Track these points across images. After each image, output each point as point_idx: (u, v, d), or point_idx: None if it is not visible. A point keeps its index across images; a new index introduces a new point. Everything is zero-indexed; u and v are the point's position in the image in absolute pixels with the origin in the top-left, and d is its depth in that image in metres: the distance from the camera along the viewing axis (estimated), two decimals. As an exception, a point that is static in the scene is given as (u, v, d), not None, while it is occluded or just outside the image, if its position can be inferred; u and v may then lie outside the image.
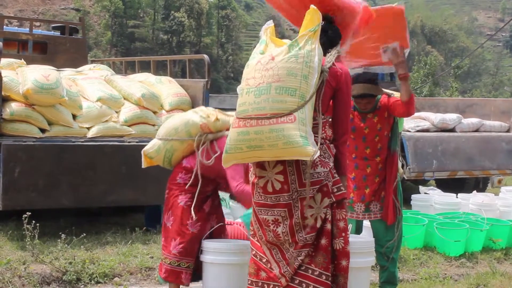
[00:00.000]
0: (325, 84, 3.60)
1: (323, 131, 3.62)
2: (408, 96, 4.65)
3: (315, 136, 3.45)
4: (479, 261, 6.52)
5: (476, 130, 10.12)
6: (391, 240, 4.89)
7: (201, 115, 4.57)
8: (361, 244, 4.34)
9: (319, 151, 3.42)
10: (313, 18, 3.54)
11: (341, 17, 3.85)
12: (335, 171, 3.67)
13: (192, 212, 4.42)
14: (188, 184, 4.49)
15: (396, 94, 4.93)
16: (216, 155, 4.36)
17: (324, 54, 3.61)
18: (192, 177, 4.49)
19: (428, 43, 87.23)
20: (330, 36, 3.73)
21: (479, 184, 10.68)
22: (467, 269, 6.27)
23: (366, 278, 4.45)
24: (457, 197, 8.50)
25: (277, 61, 3.45)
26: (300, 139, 3.32)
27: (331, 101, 3.72)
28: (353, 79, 4.30)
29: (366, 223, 5.23)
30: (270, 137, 3.34)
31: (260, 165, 3.61)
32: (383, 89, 4.98)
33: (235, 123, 3.49)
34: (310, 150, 3.33)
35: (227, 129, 4.36)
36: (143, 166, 4.75)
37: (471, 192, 8.94)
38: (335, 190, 3.64)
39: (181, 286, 4.54)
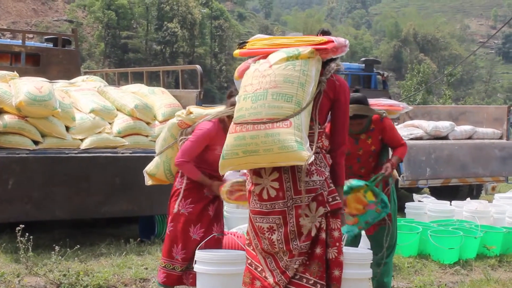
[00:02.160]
0: (322, 94, 3.63)
1: (320, 141, 3.63)
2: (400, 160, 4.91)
3: (310, 144, 3.48)
4: (473, 268, 6.52)
5: (469, 138, 10.17)
6: (382, 248, 4.88)
7: (176, 115, 4.82)
8: (359, 256, 4.33)
9: (313, 156, 3.44)
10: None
11: None
12: (331, 181, 3.67)
13: (177, 203, 4.59)
14: (182, 177, 4.65)
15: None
16: (186, 132, 4.66)
17: (323, 67, 3.65)
18: (180, 173, 4.67)
19: (421, 51, 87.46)
20: None
21: (472, 191, 10.70)
22: (462, 276, 6.26)
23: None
24: (451, 205, 8.50)
25: (275, 68, 3.52)
26: (295, 143, 3.35)
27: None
28: None
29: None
30: (266, 142, 3.37)
31: (257, 173, 3.64)
32: (374, 108, 4.86)
33: (232, 129, 3.54)
34: (305, 154, 3.35)
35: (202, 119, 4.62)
36: (146, 184, 4.91)
37: (465, 199, 8.95)
38: (330, 199, 3.63)
39: None
